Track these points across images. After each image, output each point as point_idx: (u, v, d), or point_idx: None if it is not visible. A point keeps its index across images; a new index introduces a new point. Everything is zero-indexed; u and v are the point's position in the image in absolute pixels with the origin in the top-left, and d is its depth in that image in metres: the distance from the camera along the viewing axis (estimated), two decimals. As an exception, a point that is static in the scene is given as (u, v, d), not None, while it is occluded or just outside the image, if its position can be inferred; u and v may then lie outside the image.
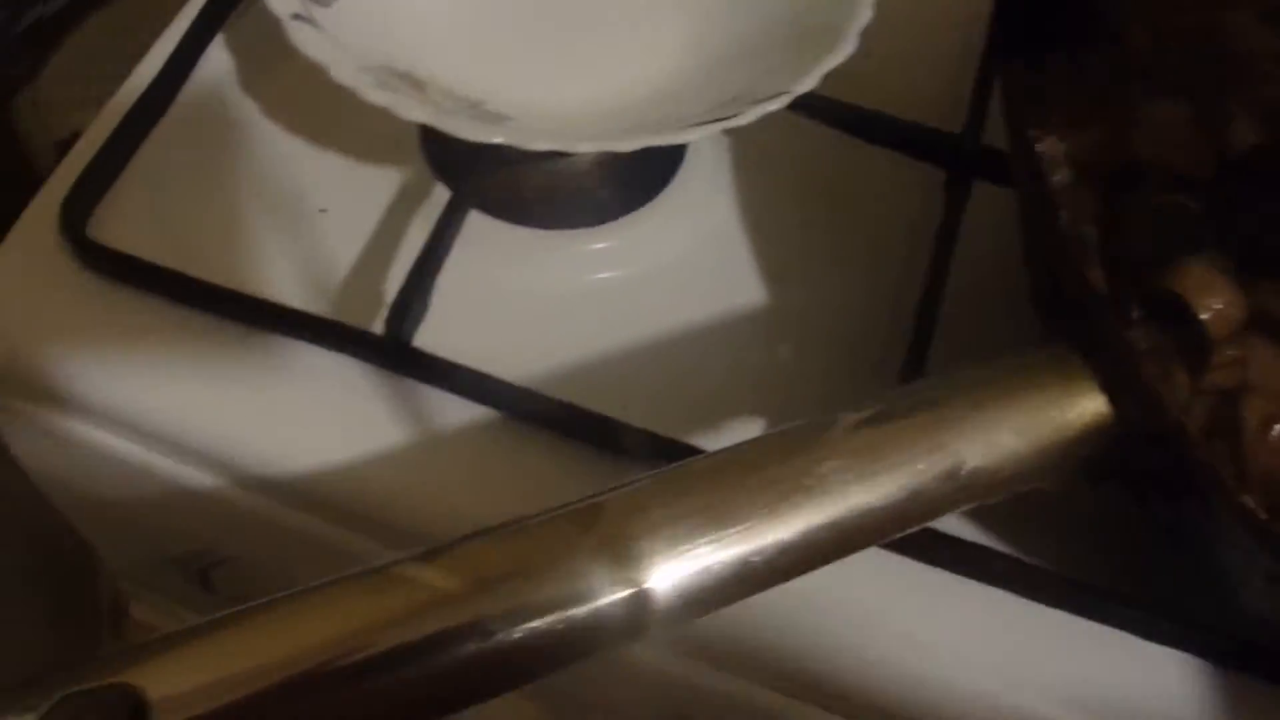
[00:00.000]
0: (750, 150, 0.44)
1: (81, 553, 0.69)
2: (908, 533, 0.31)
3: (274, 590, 0.45)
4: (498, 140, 0.35)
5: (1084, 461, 0.32)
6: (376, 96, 0.35)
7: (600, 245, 0.42)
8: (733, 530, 0.27)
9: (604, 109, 0.40)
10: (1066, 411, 0.31)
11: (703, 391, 0.40)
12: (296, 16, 0.38)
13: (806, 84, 0.37)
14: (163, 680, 0.24)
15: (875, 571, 0.37)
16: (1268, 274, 0.35)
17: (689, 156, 0.44)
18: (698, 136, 0.35)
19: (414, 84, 0.38)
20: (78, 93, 0.63)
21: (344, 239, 0.42)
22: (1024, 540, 0.38)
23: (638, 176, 0.43)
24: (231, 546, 0.44)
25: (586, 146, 0.35)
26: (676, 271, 0.42)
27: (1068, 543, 0.38)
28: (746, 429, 0.40)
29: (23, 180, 0.61)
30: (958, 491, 0.30)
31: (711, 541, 0.27)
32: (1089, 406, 0.31)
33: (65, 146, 0.61)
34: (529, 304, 0.41)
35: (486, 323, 0.40)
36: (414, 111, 0.35)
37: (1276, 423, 0.34)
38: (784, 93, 0.36)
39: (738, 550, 0.27)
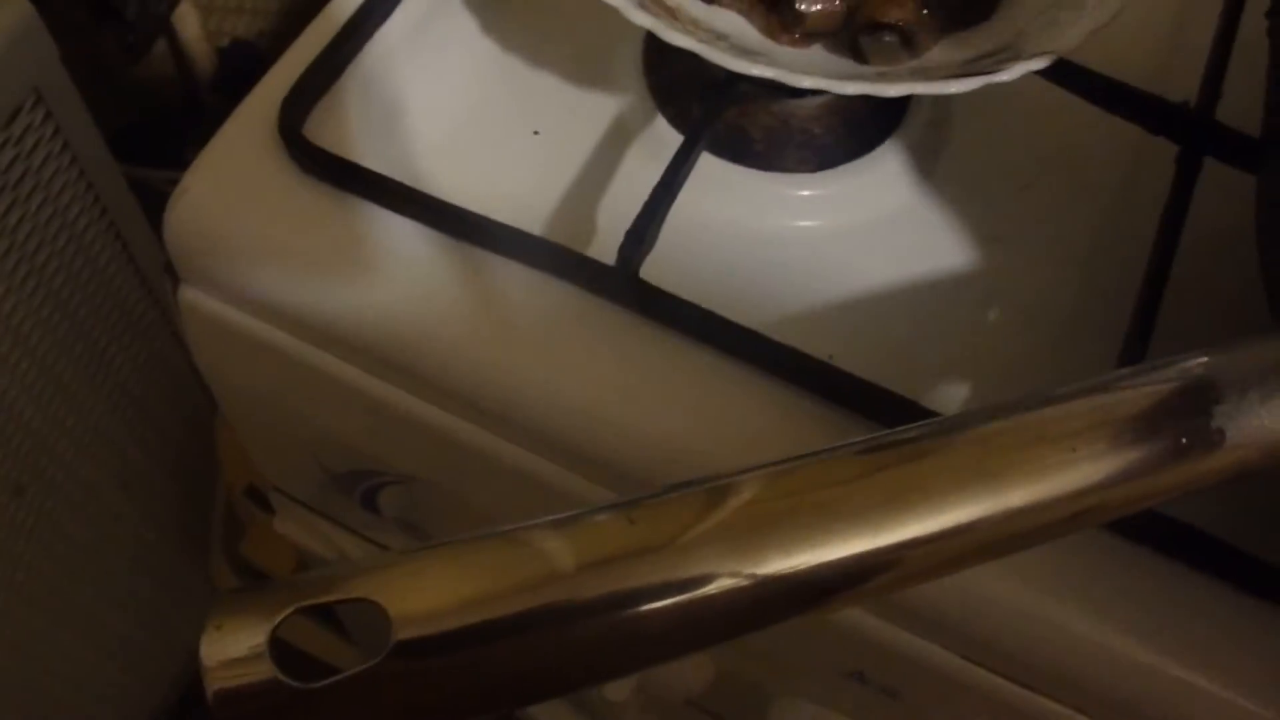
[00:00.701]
0: (972, 109, 0.43)
1: (209, 463, 0.69)
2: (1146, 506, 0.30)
3: (447, 518, 0.45)
4: (765, 74, 0.34)
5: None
6: (639, 18, 0.35)
7: (816, 191, 0.41)
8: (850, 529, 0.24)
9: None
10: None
11: (905, 348, 0.39)
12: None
13: (1070, 43, 0.36)
14: (402, 597, 0.23)
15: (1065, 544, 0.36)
16: None
17: (910, 111, 0.43)
18: (961, 89, 0.35)
19: (665, 10, 0.37)
20: (236, 2, 0.63)
21: (558, 162, 0.41)
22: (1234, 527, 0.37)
23: (860, 126, 0.42)
24: (415, 468, 0.44)
25: (852, 88, 0.34)
26: (890, 225, 0.41)
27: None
28: (948, 391, 0.39)
29: (187, 84, 0.61)
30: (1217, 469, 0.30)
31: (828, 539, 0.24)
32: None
33: (224, 54, 0.61)
34: (740, 243, 0.40)
35: (697, 259, 0.40)
36: (677, 37, 0.34)
37: None
38: (1048, 52, 0.36)
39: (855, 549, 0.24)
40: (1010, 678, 0.38)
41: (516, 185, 0.40)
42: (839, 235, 0.41)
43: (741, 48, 0.37)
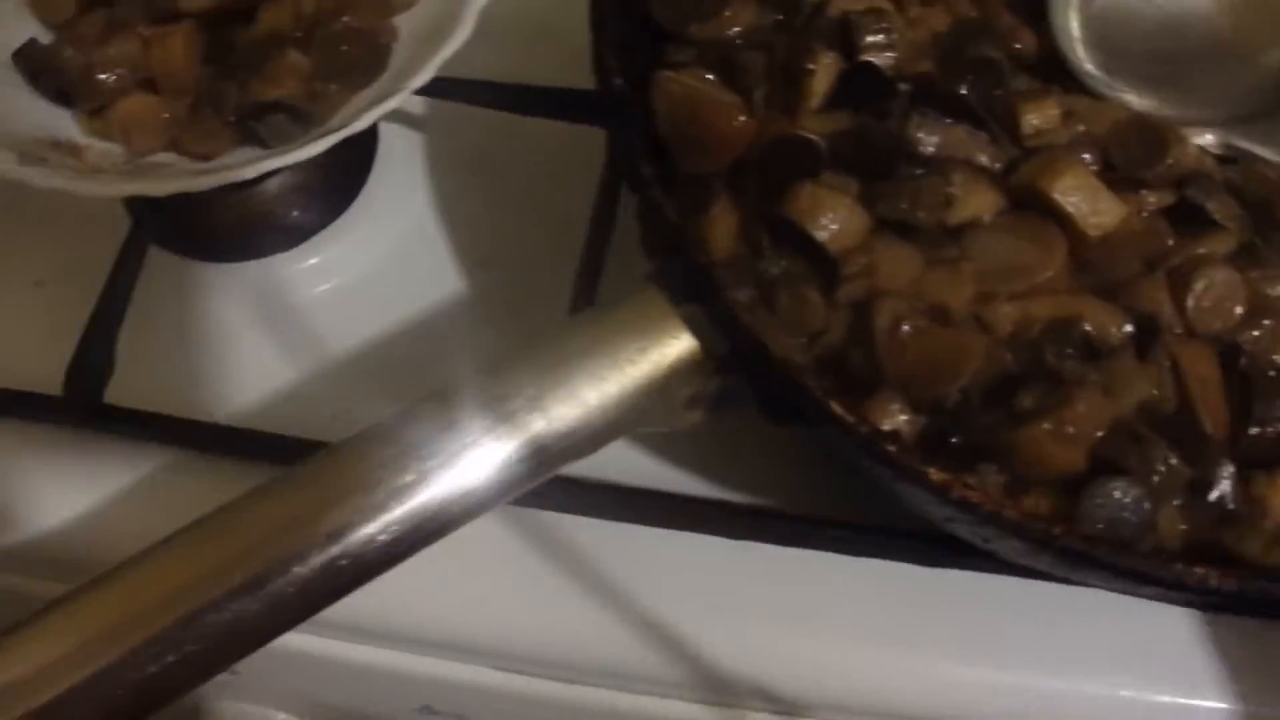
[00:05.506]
0: (434, 145, 0.45)
1: None
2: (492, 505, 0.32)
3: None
4: (55, 185, 0.36)
5: (689, 399, 0.33)
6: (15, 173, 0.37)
7: (301, 265, 0.43)
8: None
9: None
10: (652, 355, 0.32)
11: (416, 387, 0.41)
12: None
13: (421, 78, 0.38)
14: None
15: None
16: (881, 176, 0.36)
17: (378, 162, 0.45)
18: (309, 155, 0.37)
19: (70, 150, 0.40)
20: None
21: (65, 309, 0.42)
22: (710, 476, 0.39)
23: (326, 192, 0.44)
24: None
25: (208, 182, 0.36)
26: (381, 275, 0.43)
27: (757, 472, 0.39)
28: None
29: None
30: (553, 457, 0.32)
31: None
32: (676, 347, 0.32)
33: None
34: (236, 337, 0.42)
35: (193, 364, 0.41)
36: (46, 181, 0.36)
37: (905, 320, 0.34)
38: (398, 90, 0.37)
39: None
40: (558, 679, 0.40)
41: (24, 340, 0.42)
42: (333, 298, 0.43)
43: (144, 166, 0.39)
